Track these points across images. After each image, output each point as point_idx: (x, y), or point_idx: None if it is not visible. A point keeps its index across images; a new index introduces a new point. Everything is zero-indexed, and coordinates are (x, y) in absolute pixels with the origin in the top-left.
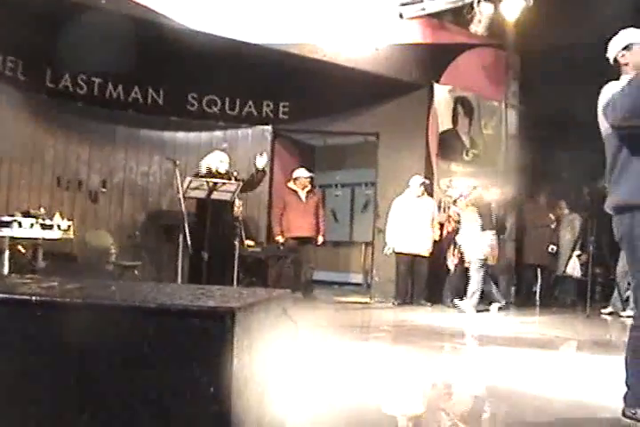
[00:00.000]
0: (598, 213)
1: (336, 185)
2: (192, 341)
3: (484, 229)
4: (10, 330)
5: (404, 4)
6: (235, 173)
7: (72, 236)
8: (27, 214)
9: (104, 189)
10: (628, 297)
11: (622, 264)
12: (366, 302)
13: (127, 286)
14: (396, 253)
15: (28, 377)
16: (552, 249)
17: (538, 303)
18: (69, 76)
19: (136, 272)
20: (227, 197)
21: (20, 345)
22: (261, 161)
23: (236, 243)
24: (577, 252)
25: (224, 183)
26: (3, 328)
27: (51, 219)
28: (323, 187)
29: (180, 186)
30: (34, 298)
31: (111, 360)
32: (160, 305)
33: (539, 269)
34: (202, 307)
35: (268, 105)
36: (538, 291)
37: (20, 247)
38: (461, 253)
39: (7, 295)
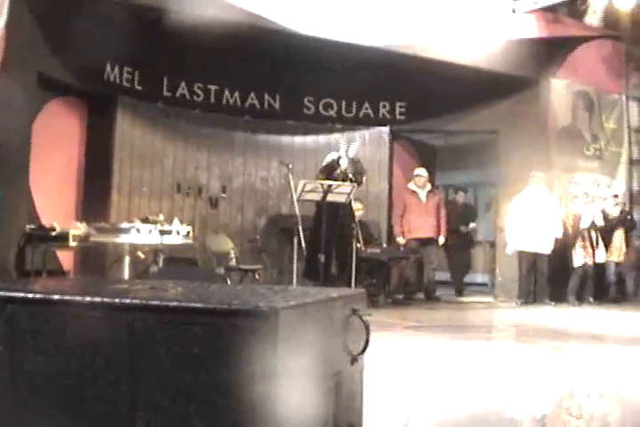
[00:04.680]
0: None
1: (457, 185)
2: (237, 341)
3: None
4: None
5: None
6: (350, 175)
7: (192, 241)
8: (145, 221)
9: (224, 195)
10: None
11: None
12: (489, 302)
13: (201, 288)
14: (518, 252)
15: (79, 376)
16: None
17: None
18: (185, 84)
19: (257, 276)
20: (342, 198)
21: (66, 345)
22: (350, 149)
23: (354, 245)
24: None
25: (339, 185)
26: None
27: (170, 225)
28: (445, 187)
29: (294, 189)
30: (67, 298)
31: (160, 360)
32: (205, 305)
33: None
34: (245, 307)
35: (385, 106)
36: None
37: (139, 253)
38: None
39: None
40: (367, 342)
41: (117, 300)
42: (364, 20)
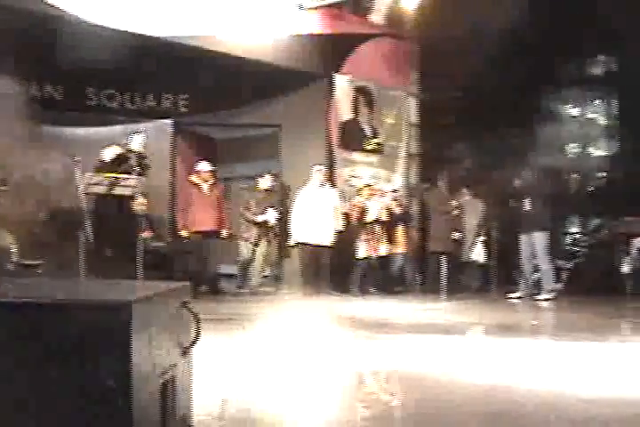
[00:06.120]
0: (500, 199)
1: (239, 177)
2: (89, 335)
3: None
4: None
5: None
6: (136, 168)
7: None
8: None
9: (3, 188)
10: (536, 281)
11: (526, 249)
12: (274, 294)
13: (26, 283)
14: (301, 244)
15: None
16: (456, 236)
17: (444, 290)
18: None
19: (39, 271)
20: (128, 191)
21: None
22: (135, 142)
23: (139, 238)
24: (481, 237)
25: (125, 178)
26: None
27: None
28: (226, 180)
29: (79, 182)
30: None
31: (7, 357)
32: (55, 300)
33: (443, 256)
34: (97, 300)
35: (168, 98)
36: (443, 278)
37: None
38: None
39: None
40: (198, 334)
41: None
42: (150, 9)
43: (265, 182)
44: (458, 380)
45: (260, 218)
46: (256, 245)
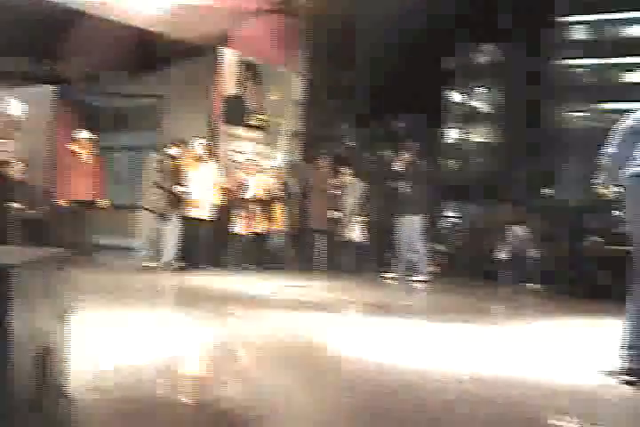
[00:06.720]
0: (380, 180)
1: (119, 147)
2: None
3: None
4: None
5: None
6: (12, 133)
7: None
8: None
9: None
10: (412, 262)
11: (402, 230)
12: (151, 267)
13: None
14: (181, 217)
15: None
16: (334, 215)
17: (320, 268)
18: None
19: None
20: (3, 156)
21: None
22: (14, 108)
23: (14, 206)
24: (359, 217)
25: (1, 143)
26: None
27: None
28: (105, 149)
29: None
30: None
31: None
32: None
33: (321, 235)
34: None
35: (49, 64)
36: (320, 256)
37: None
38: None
39: None
40: (75, 303)
41: None
42: None
43: (174, 152)
44: (332, 356)
45: (180, 189)
46: (163, 217)
